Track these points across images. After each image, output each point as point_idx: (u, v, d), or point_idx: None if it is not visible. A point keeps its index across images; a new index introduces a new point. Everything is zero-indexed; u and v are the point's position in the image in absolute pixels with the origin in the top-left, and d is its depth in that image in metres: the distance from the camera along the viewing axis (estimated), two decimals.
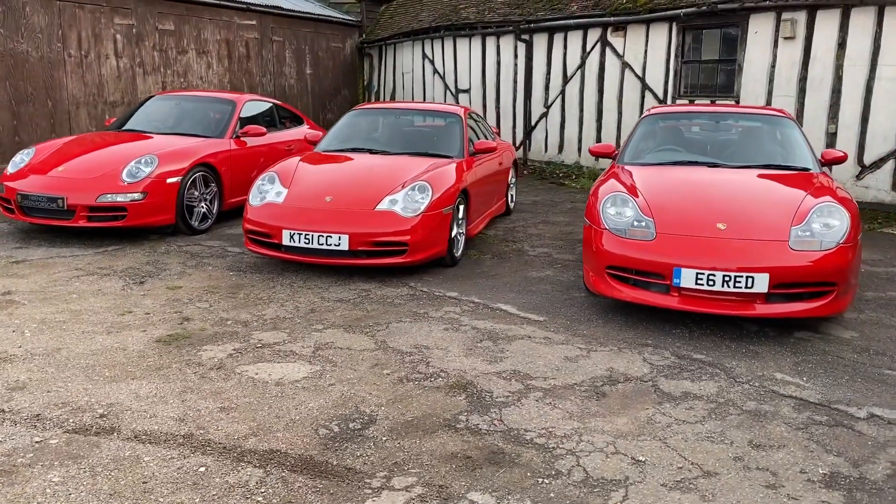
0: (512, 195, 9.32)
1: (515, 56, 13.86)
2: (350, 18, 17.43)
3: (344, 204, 6.13)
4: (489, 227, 8.41)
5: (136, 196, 7.00)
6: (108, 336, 4.75)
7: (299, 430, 3.55)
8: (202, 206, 7.72)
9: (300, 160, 6.98)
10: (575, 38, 12.74)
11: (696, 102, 10.85)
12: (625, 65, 12.04)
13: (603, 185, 5.67)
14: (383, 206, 6.11)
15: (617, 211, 5.25)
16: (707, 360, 4.51)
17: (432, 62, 15.80)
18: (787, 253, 4.72)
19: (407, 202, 6.13)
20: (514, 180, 9.37)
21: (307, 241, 5.97)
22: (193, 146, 7.65)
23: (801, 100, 9.93)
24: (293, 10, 15.32)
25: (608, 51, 12.25)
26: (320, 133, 8.13)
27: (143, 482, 3.06)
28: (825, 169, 6.13)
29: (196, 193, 7.61)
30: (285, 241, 6.04)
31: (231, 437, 3.47)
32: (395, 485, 3.10)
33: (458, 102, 15.21)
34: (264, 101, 9.33)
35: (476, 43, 14.60)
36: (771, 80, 10.24)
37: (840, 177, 9.58)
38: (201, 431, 3.52)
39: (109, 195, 6.93)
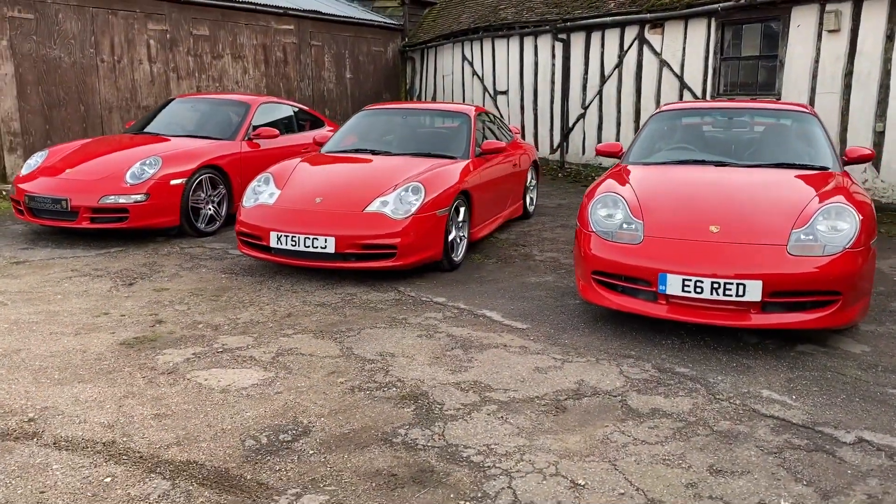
0: (532, 198, 9.00)
1: (553, 56, 13.51)
2: (392, 22, 17.35)
3: (333, 205, 5.96)
4: (502, 231, 8.13)
5: (139, 198, 6.99)
6: (75, 338, 4.67)
7: (226, 441, 3.37)
8: (209, 209, 7.67)
9: (300, 161, 6.85)
10: (612, 37, 12.32)
11: (717, 99, 10.33)
12: (663, 63, 11.57)
13: (599, 185, 5.34)
14: (373, 207, 5.91)
15: (608, 213, 4.92)
16: (690, 375, 4.14)
17: (471, 64, 15.58)
18: (784, 258, 4.31)
19: (398, 204, 5.92)
20: (534, 182, 9.05)
21: (294, 243, 5.82)
22: (200, 148, 7.62)
23: (847, 96, 9.31)
24: (333, 15, 15.32)
25: (646, 49, 11.80)
26: (330, 134, 7.99)
27: (41, 492, 2.92)
28: (849, 168, 5.65)
29: (202, 195, 7.57)
30: (273, 244, 5.91)
31: (153, 446, 3.31)
32: (303, 503, 2.88)
33: (496, 105, 14.94)
34: (283, 103, 9.28)
35: (514, 43, 14.31)
36: (814, 77, 9.64)
37: (891, 179, 8.94)
38: (125, 439, 3.37)
39: (112, 197, 6.93)
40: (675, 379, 4.08)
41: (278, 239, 5.86)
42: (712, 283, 4.29)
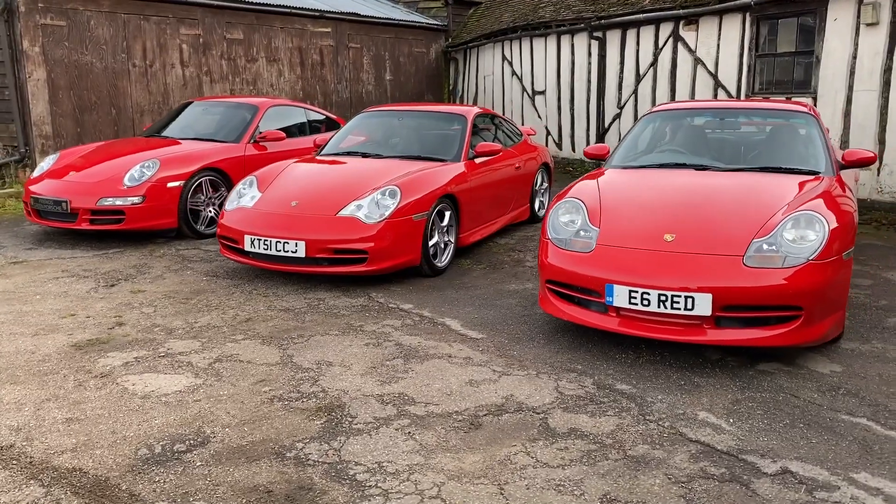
0: (542, 201, 8.76)
1: (589, 55, 13.18)
2: (435, 23, 17.28)
3: (307, 209, 5.90)
4: (503, 234, 7.93)
5: (135, 200, 7.10)
6: (31, 339, 4.75)
7: (121, 449, 3.33)
8: (210, 211, 7.74)
9: (292, 163, 6.83)
10: (647, 35, 11.92)
11: (718, 98, 9.86)
12: (697, 61, 11.12)
13: (568, 189, 5.12)
14: (347, 211, 5.83)
15: (570, 219, 4.70)
16: (629, 392, 3.89)
17: (511, 64, 15.37)
18: (738, 270, 4.01)
19: (372, 208, 5.82)
20: (545, 185, 8.81)
21: (266, 247, 5.79)
22: (200, 151, 7.70)
23: (886, 94, 8.72)
24: (372, 17, 15.35)
25: (680, 46, 11.36)
26: (329, 136, 7.95)
27: None
28: (846, 172, 5.26)
29: (202, 198, 7.64)
30: (247, 247, 5.90)
31: (48, 452, 3.30)
32: None
33: (534, 105, 14.69)
34: (296, 106, 9.31)
35: (551, 42, 14.04)
36: (852, 73, 9.07)
37: None
38: (25, 443, 3.38)
39: (109, 199, 7.07)
40: (611, 397, 3.84)
41: (252, 242, 5.85)
42: (659, 295, 4.03)
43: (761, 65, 10.28)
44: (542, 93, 14.51)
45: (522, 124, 15.06)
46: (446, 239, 6.45)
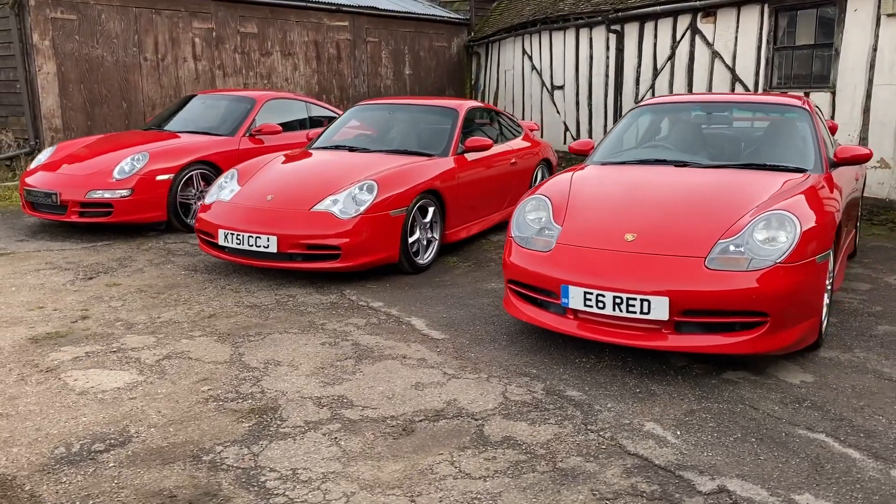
0: None
1: (607, 48, 12.89)
2: (457, 17, 17.08)
3: (282, 204, 5.80)
4: (497, 232, 7.73)
5: (123, 193, 7.09)
6: None
7: (39, 447, 3.25)
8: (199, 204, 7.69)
9: (276, 157, 6.74)
10: (665, 27, 11.59)
11: (712, 92, 9.50)
12: (714, 54, 10.76)
13: (540, 185, 4.93)
14: (322, 206, 5.71)
15: (535, 216, 4.51)
16: (578, 399, 3.70)
17: (531, 58, 15.12)
18: (698, 272, 3.78)
19: (347, 203, 5.69)
20: None
21: (239, 241, 5.70)
22: (191, 144, 7.66)
23: None
24: (391, 11, 15.22)
25: (698, 39, 11.02)
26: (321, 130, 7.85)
27: None
28: (840, 170, 4.98)
29: (193, 191, 7.60)
30: (221, 241, 5.82)
31: None
32: None
33: (553, 100, 14.43)
34: (297, 99, 9.22)
35: (570, 36, 13.76)
36: (871, 66, 8.67)
37: None
38: None
39: (98, 191, 7.07)
40: (558, 403, 3.65)
41: (226, 237, 5.77)
42: (614, 297, 3.82)
43: (779, 58, 9.90)
44: (561, 87, 14.24)
45: (542, 120, 14.82)
46: (429, 235, 6.29)
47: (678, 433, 3.34)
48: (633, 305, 3.78)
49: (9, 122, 10.68)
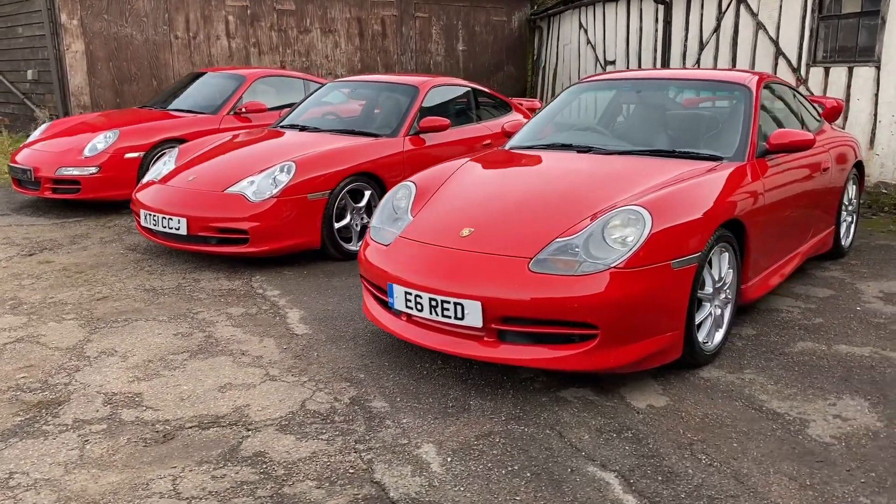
0: None
1: (656, 21, 12.01)
2: None
3: (199, 184, 5.65)
4: None
5: (92, 170, 7.16)
6: None
7: None
8: None
9: (226, 136, 6.60)
10: None
11: (667, 68, 8.48)
12: (758, 25, 9.76)
13: (425, 170, 4.51)
14: (237, 188, 5.51)
15: (398, 205, 4.13)
16: (378, 411, 3.32)
17: (586, 31, 14.36)
18: (520, 275, 3.30)
19: (263, 184, 5.47)
20: None
21: (154, 222, 5.60)
22: (166, 123, 7.64)
23: None
24: None
25: (742, 10, 10.02)
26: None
27: None
28: (774, 157, 4.29)
29: None
30: (142, 222, 5.74)
31: None
32: None
33: None
34: (296, 77, 9.04)
35: (622, 8, 12.93)
36: None
37: None
38: None
39: (68, 169, 7.17)
40: (351, 416, 3.29)
41: (145, 217, 5.68)
42: (430, 299, 3.41)
43: (825, 29, 8.83)
44: (613, 63, 13.42)
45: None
46: (365, 221, 5.98)
47: (448, 460, 2.92)
48: (448, 309, 3.36)
49: (45, 100, 11.13)
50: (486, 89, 7.76)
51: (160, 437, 3.15)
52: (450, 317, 3.36)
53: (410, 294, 3.47)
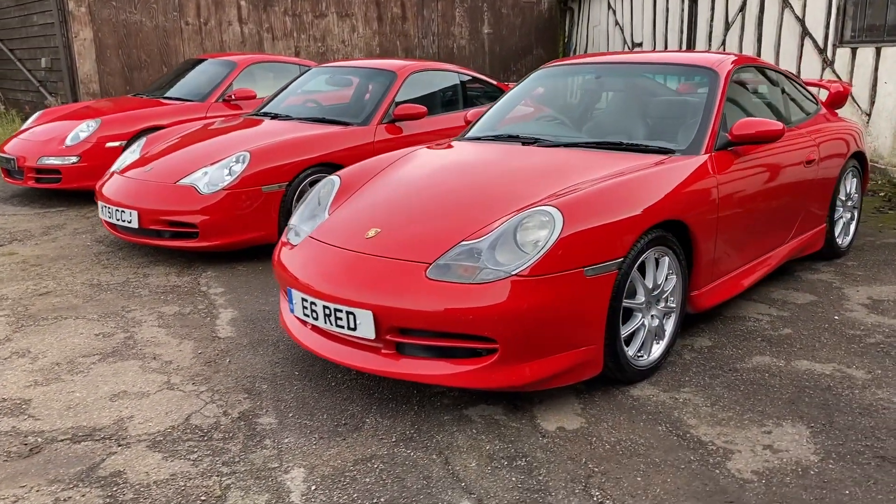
0: None
1: (682, 1, 11.41)
2: None
3: (153, 175, 5.47)
4: None
5: (73, 160, 7.07)
6: None
7: None
8: None
9: (196, 125, 6.42)
10: None
11: (636, 51, 7.87)
12: (784, 3, 9.13)
13: (359, 163, 4.22)
14: (189, 179, 5.31)
15: (320, 202, 3.86)
16: (261, 429, 3.07)
17: (615, 12, 13.82)
18: (416, 282, 2.99)
19: (216, 175, 5.26)
20: None
21: (109, 214, 5.45)
22: (149, 111, 7.50)
23: None
24: None
25: None
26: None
27: None
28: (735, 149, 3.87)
29: None
30: (100, 214, 5.60)
31: None
32: None
33: None
34: (289, 62, 8.80)
35: None
36: None
37: None
38: None
39: (49, 158, 7.10)
40: (232, 433, 3.04)
41: (102, 209, 5.54)
42: (324, 306, 3.13)
43: (853, 6, 8.18)
44: (640, 44, 12.87)
45: None
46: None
47: (313, 489, 2.65)
48: (341, 318, 3.07)
49: (57, 88, 11.17)
50: (478, 75, 7.41)
51: (26, 451, 2.96)
52: (343, 326, 3.08)
53: (307, 300, 3.20)
